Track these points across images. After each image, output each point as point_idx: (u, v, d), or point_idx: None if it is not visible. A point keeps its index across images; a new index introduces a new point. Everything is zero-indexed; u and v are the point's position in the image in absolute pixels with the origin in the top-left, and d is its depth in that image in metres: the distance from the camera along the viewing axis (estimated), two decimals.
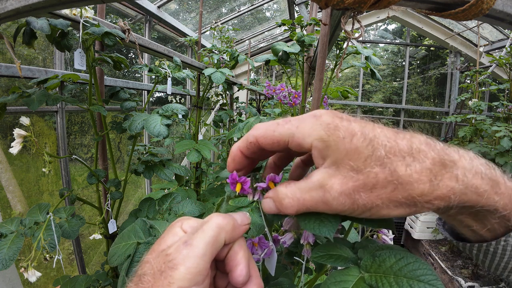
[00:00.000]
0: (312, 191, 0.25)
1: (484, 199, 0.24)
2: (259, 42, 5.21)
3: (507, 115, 2.49)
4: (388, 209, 0.24)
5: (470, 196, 0.23)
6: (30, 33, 0.75)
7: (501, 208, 0.24)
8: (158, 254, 0.25)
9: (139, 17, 2.76)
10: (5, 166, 1.50)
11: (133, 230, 0.53)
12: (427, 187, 0.23)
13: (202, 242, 0.24)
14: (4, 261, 0.65)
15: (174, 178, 1.58)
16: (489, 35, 4.10)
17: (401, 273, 0.26)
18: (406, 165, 0.23)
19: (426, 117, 6.32)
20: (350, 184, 0.24)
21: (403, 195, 0.23)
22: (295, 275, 0.60)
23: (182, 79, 1.20)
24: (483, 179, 0.24)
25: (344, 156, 0.24)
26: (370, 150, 0.24)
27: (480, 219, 0.26)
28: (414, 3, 0.40)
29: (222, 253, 0.27)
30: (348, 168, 0.24)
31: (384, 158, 0.23)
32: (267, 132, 0.27)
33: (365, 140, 0.24)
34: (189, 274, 0.23)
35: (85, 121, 2.11)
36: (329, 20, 0.81)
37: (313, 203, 0.25)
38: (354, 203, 0.24)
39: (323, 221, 0.27)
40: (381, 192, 0.23)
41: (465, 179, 0.23)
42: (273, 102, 2.64)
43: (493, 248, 0.27)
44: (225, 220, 0.27)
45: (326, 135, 0.24)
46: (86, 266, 1.74)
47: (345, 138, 0.24)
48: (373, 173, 0.23)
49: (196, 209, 0.88)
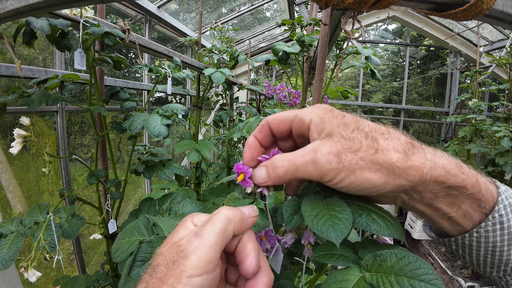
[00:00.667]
0: (305, 154, 0.28)
1: (452, 175, 0.28)
2: (259, 42, 5.21)
3: (507, 115, 2.49)
4: (370, 172, 0.27)
5: (439, 171, 0.27)
6: (30, 33, 0.75)
7: (469, 187, 0.28)
8: (171, 246, 0.27)
9: (139, 17, 2.76)
10: (5, 166, 1.50)
11: (136, 227, 0.53)
12: (402, 156, 0.27)
13: (212, 233, 0.26)
14: (4, 261, 0.65)
15: (174, 178, 1.58)
16: (489, 35, 4.10)
17: (402, 273, 0.26)
18: (385, 139, 0.28)
19: (426, 117, 6.32)
20: (339, 146, 0.28)
21: (383, 158, 0.27)
22: (295, 275, 0.60)
23: (182, 79, 1.20)
24: (448, 160, 0.29)
25: (336, 128, 0.29)
26: (357, 125, 0.29)
27: (454, 202, 0.29)
28: (414, 3, 0.40)
29: (232, 245, 0.29)
30: (339, 136, 0.28)
31: (368, 132, 0.28)
32: (277, 115, 0.33)
33: (353, 119, 0.30)
34: (200, 262, 0.24)
35: (85, 121, 2.11)
36: (329, 20, 0.81)
37: (302, 162, 0.28)
38: (340, 162, 0.27)
39: (335, 222, 0.27)
40: (364, 154, 0.27)
41: (432, 157, 0.28)
42: (273, 102, 2.63)
43: (468, 241, 0.30)
44: (233, 212, 0.28)
45: (323, 113, 0.30)
46: (86, 266, 1.74)
47: (338, 117, 0.29)
48: (358, 139, 0.28)
49: (196, 209, 0.87)
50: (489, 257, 0.30)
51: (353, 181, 0.27)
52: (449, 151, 2.85)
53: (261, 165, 0.31)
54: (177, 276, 0.24)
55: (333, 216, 0.28)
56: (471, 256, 0.31)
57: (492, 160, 2.32)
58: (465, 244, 0.30)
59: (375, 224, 0.28)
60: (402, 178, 0.27)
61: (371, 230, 0.28)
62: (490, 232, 0.28)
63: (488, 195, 0.29)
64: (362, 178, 0.27)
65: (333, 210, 0.29)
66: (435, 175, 0.27)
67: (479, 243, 0.29)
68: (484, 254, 0.30)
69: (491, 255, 0.29)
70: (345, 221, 0.27)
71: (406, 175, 0.27)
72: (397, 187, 0.27)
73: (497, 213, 0.28)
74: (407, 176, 0.27)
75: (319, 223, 0.27)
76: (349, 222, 0.27)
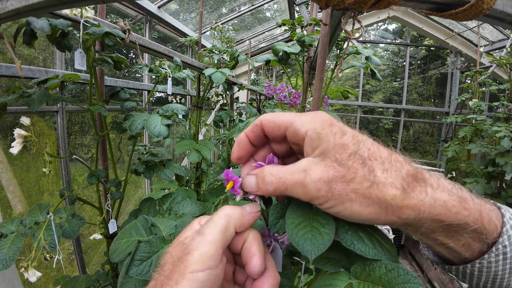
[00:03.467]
0: (295, 174, 0.27)
1: (453, 213, 0.26)
2: (259, 42, 5.21)
3: (507, 115, 2.48)
4: (361, 206, 0.25)
5: (439, 209, 0.25)
6: (31, 33, 0.75)
7: (471, 223, 0.26)
8: (177, 244, 0.28)
9: (140, 17, 2.77)
10: (5, 166, 1.50)
11: (134, 227, 0.53)
12: (400, 192, 0.25)
13: (212, 230, 0.27)
14: (4, 261, 0.65)
15: (174, 178, 1.58)
16: (490, 35, 4.10)
17: (389, 285, 0.25)
18: (383, 170, 0.26)
19: (426, 117, 6.32)
20: (331, 173, 0.26)
21: (377, 194, 0.25)
22: (295, 275, 0.60)
23: (182, 79, 1.20)
24: (450, 195, 0.26)
25: (332, 148, 0.26)
26: (356, 148, 0.26)
27: (453, 235, 0.27)
28: (414, 3, 0.40)
29: (238, 245, 0.29)
30: (333, 159, 0.26)
31: (366, 159, 0.26)
32: (272, 117, 0.30)
33: (353, 139, 0.26)
34: (202, 257, 0.25)
35: (85, 121, 2.11)
36: (330, 20, 0.81)
37: (292, 183, 0.27)
38: (330, 191, 0.25)
39: (315, 235, 0.26)
40: (357, 186, 0.25)
41: (433, 193, 0.26)
42: (273, 102, 2.63)
43: (469, 270, 0.29)
44: (233, 209, 0.29)
45: (321, 128, 0.27)
46: (86, 266, 1.74)
47: (336, 134, 0.26)
48: (354, 168, 0.25)
49: (196, 209, 0.87)
50: (489, 284, 0.29)
51: (342, 211, 0.26)
52: (449, 151, 2.85)
53: (252, 173, 0.31)
54: (181, 272, 0.25)
55: (315, 229, 0.27)
56: (471, 281, 0.30)
57: (493, 160, 2.32)
58: (466, 272, 0.30)
59: (361, 243, 0.27)
60: (395, 216, 0.26)
61: (355, 249, 0.27)
62: (492, 263, 0.28)
63: (491, 227, 0.27)
64: (351, 211, 0.26)
65: (317, 222, 0.28)
66: (433, 213, 0.25)
67: (480, 272, 0.29)
68: (484, 281, 0.29)
69: (492, 281, 0.29)
70: (325, 236, 0.26)
71: (400, 213, 0.25)
72: (389, 222, 0.26)
73: (501, 245, 0.27)
74: (401, 215, 0.25)
75: (298, 234, 0.27)
76: (329, 238, 0.26)
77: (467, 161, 2.77)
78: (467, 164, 2.66)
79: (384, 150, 0.27)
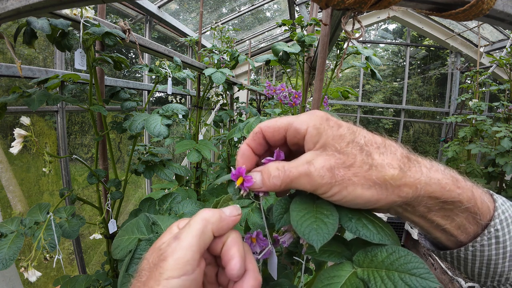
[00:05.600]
0: (299, 166, 0.29)
1: (447, 190, 0.28)
2: (260, 42, 5.21)
3: (507, 116, 2.48)
4: (363, 188, 0.27)
5: (434, 187, 0.27)
6: (31, 33, 0.75)
7: (465, 201, 0.28)
8: (154, 250, 0.27)
9: (140, 17, 2.77)
10: (5, 166, 1.50)
11: (136, 225, 0.53)
12: (397, 172, 0.27)
13: (189, 235, 0.26)
14: (4, 261, 0.65)
15: (174, 178, 1.58)
16: (490, 36, 4.10)
17: (392, 267, 0.26)
18: (380, 153, 0.28)
19: (426, 118, 6.32)
20: (333, 161, 0.28)
21: (376, 175, 0.27)
22: (295, 275, 0.60)
23: (182, 79, 1.20)
24: (444, 174, 0.28)
25: (331, 139, 0.28)
26: (352, 137, 0.28)
27: (448, 215, 0.29)
28: (414, 4, 0.40)
29: (217, 248, 0.29)
30: (333, 149, 0.28)
31: (363, 145, 0.28)
32: (271, 122, 0.32)
33: (349, 130, 0.29)
34: (177, 264, 0.25)
35: (86, 121, 2.11)
36: (330, 20, 0.81)
37: (297, 175, 0.28)
38: (333, 177, 0.27)
39: (320, 225, 0.27)
40: (358, 170, 0.27)
41: (428, 173, 0.28)
42: (273, 102, 2.64)
43: (463, 254, 0.30)
44: (210, 213, 0.29)
45: (319, 123, 0.29)
46: (86, 266, 1.74)
47: (333, 127, 0.29)
48: (353, 154, 0.28)
49: (196, 209, 0.87)
50: (484, 269, 0.30)
51: (346, 196, 0.27)
52: (449, 151, 2.85)
53: (256, 170, 0.31)
54: (157, 279, 0.24)
55: (319, 219, 0.28)
56: (466, 268, 0.31)
57: (493, 161, 2.32)
58: (460, 257, 0.31)
59: (365, 229, 0.28)
60: (395, 195, 0.27)
61: (360, 235, 0.28)
62: (485, 247, 0.29)
63: (484, 208, 0.29)
64: (354, 194, 0.27)
65: (321, 213, 0.29)
66: (429, 190, 0.27)
67: (474, 256, 0.30)
68: (479, 266, 0.30)
69: (486, 267, 0.30)
70: (329, 226, 0.27)
71: (399, 192, 0.27)
72: (390, 203, 0.28)
73: (493, 228, 0.28)
74: (400, 193, 0.27)
75: (303, 224, 0.28)
76: (333, 227, 0.27)
77: (467, 161, 2.77)
78: (467, 164, 2.66)
79: (378, 137, 0.30)
